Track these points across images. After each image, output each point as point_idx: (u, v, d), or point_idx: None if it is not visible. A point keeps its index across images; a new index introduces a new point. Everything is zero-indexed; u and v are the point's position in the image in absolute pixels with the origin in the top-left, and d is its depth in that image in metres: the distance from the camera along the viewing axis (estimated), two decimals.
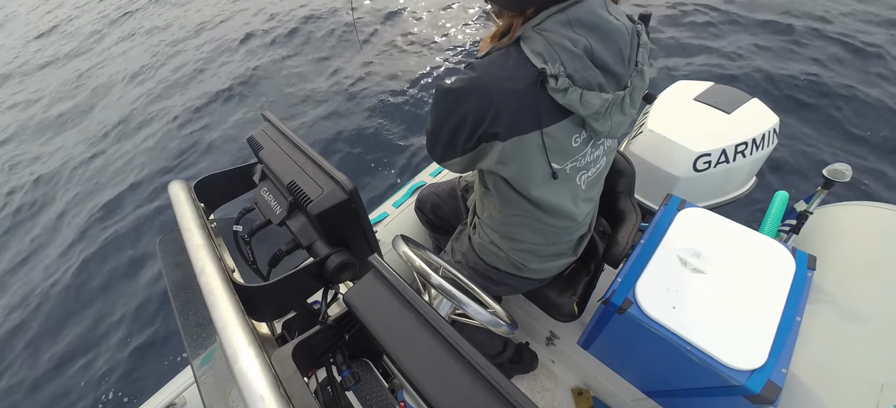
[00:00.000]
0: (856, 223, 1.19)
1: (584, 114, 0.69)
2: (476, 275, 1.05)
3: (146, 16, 7.38)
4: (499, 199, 0.89)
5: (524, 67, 0.66)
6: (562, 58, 0.65)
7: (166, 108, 4.53)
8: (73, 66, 6.26)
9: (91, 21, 7.88)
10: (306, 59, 4.78)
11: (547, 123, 0.70)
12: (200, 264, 0.54)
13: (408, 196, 1.57)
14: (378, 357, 0.75)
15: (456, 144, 0.77)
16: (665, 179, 1.49)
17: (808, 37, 3.53)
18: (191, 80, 4.94)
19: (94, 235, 3.19)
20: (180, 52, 5.68)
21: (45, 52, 7.23)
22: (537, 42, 0.66)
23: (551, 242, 0.94)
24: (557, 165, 0.76)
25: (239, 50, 5.25)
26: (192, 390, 1.07)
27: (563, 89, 0.66)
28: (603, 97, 0.68)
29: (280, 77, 4.55)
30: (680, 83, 1.69)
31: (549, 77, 0.65)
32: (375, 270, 0.54)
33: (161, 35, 6.43)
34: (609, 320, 0.97)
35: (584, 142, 0.77)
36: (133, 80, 5.32)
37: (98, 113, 4.87)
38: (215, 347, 0.63)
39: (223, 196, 0.80)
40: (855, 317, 0.94)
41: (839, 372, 0.88)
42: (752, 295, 0.87)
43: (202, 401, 0.61)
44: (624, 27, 0.70)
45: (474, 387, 0.40)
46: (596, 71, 0.67)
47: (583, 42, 0.65)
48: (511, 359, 1.39)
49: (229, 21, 6.22)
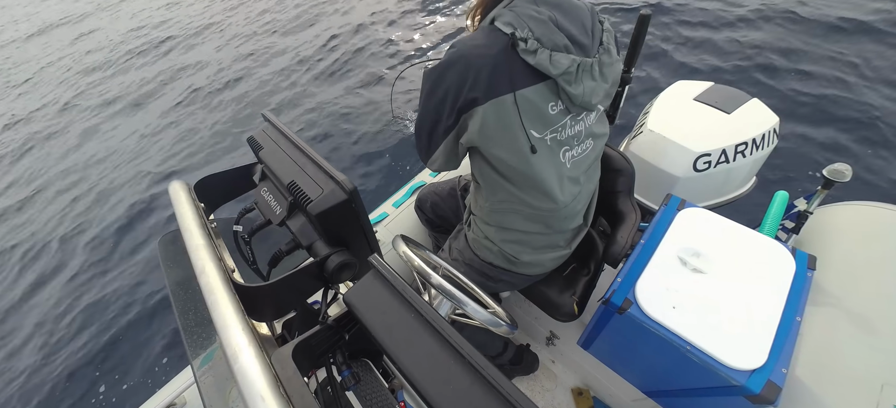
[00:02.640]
0: (856, 223, 1.19)
1: (555, 73, 0.75)
2: (472, 272, 1.06)
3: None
4: (485, 187, 0.91)
5: (496, 35, 0.75)
6: (529, 25, 0.74)
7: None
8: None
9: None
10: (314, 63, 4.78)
11: (521, 84, 0.76)
12: (200, 264, 0.54)
13: (408, 196, 1.57)
14: (378, 357, 0.76)
15: (439, 126, 0.83)
16: (665, 179, 1.49)
17: (808, 37, 3.53)
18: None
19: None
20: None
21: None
22: (506, 16, 0.76)
23: (541, 229, 0.95)
24: (536, 134, 0.80)
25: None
26: (192, 390, 1.07)
27: (533, 51, 0.73)
28: (571, 57, 0.75)
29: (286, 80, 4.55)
30: (680, 83, 1.69)
31: (518, 40, 0.73)
32: (375, 270, 0.54)
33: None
34: (609, 319, 0.97)
35: (563, 112, 0.81)
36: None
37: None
38: (215, 347, 0.63)
39: (223, 196, 0.80)
40: (855, 317, 0.94)
41: (839, 372, 0.88)
42: (752, 295, 0.87)
43: (202, 401, 0.60)
44: (583, 6, 0.79)
45: (474, 387, 0.40)
46: (562, 35, 0.74)
47: (547, 13, 0.74)
48: (512, 360, 1.39)
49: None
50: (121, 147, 4.33)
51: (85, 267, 3.05)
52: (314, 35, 5.49)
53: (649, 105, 1.64)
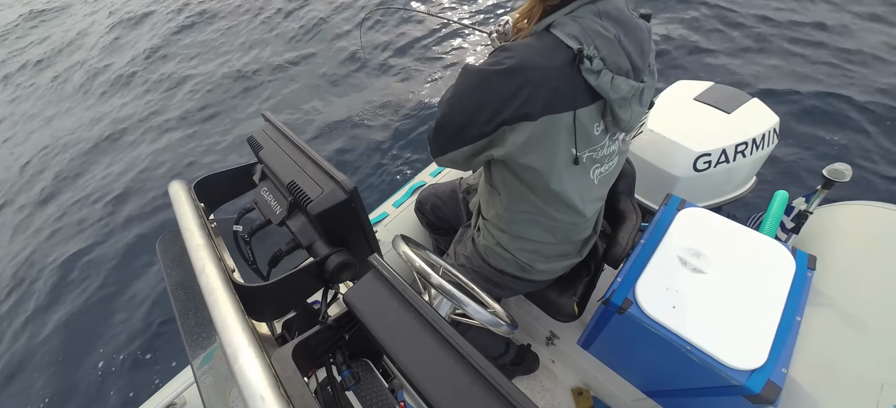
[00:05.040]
0: (856, 223, 1.19)
1: (614, 97, 0.71)
2: (480, 278, 1.04)
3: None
4: (506, 195, 0.88)
5: (560, 49, 0.69)
6: (596, 42, 0.68)
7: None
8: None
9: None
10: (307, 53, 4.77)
11: (580, 103, 0.72)
12: (200, 264, 0.54)
13: (408, 196, 1.56)
14: (378, 357, 0.75)
15: (468, 130, 0.76)
16: (665, 178, 1.49)
17: (808, 37, 3.53)
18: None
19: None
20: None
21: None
22: (571, 26, 0.69)
23: (558, 240, 0.93)
24: (577, 152, 0.77)
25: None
26: (192, 390, 1.07)
27: (597, 71, 0.68)
28: (631, 83, 0.71)
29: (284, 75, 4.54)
30: (680, 83, 1.69)
31: (585, 57, 0.67)
32: (375, 270, 0.54)
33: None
34: (609, 319, 0.97)
35: (603, 132, 0.78)
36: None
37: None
38: (215, 347, 0.63)
39: (223, 196, 0.80)
40: (855, 317, 0.94)
41: (839, 372, 0.88)
42: (752, 295, 0.87)
43: (202, 401, 0.60)
44: (644, 26, 0.75)
45: (474, 387, 0.40)
46: (625, 57, 0.70)
47: (614, 31, 0.69)
48: (513, 361, 1.39)
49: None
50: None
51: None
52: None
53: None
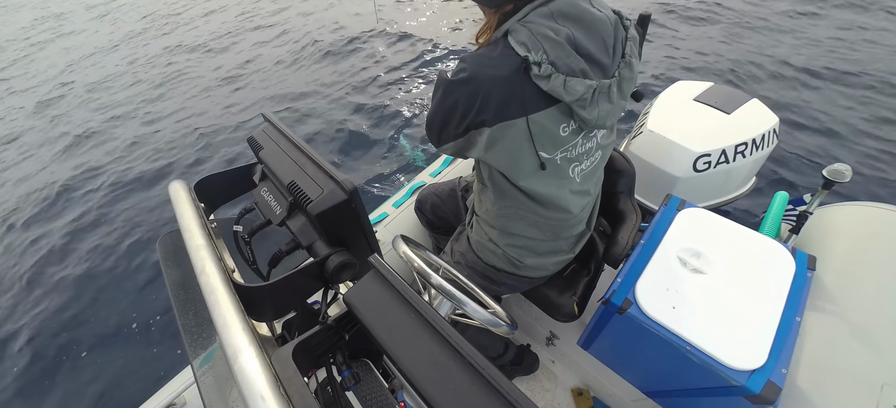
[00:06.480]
0: (856, 223, 1.19)
1: (569, 100, 0.71)
2: (475, 274, 1.05)
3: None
4: (494, 190, 0.90)
5: (509, 57, 0.70)
6: (544, 46, 0.68)
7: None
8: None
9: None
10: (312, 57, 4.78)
11: (533, 109, 0.73)
12: (200, 264, 0.54)
13: (408, 196, 1.56)
14: (378, 357, 0.75)
15: (448, 129, 0.81)
16: (665, 179, 1.49)
17: (808, 37, 3.53)
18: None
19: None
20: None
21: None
22: (521, 33, 0.70)
23: (548, 236, 0.94)
24: (546, 155, 0.78)
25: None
26: (192, 390, 1.07)
27: (546, 75, 0.69)
28: (587, 83, 0.71)
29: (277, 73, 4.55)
30: (680, 83, 1.69)
31: (531, 64, 0.68)
32: (375, 270, 0.54)
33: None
34: (609, 320, 0.97)
35: (574, 132, 0.79)
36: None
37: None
38: (215, 347, 0.63)
39: (223, 196, 0.80)
40: (855, 317, 0.94)
41: (839, 372, 0.88)
42: (752, 295, 0.87)
43: (202, 401, 0.60)
44: (606, 18, 0.73)
45: (474, 387, 0.40)
46: (578, 58, 0.70)
47: (565, 31, 0.69)
48: (512, 361, 1.39)
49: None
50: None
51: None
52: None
53: (649, 105, 1.65)
